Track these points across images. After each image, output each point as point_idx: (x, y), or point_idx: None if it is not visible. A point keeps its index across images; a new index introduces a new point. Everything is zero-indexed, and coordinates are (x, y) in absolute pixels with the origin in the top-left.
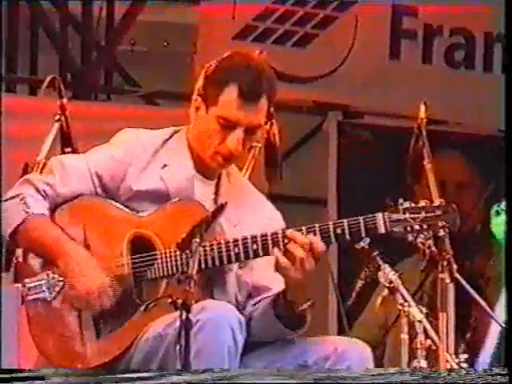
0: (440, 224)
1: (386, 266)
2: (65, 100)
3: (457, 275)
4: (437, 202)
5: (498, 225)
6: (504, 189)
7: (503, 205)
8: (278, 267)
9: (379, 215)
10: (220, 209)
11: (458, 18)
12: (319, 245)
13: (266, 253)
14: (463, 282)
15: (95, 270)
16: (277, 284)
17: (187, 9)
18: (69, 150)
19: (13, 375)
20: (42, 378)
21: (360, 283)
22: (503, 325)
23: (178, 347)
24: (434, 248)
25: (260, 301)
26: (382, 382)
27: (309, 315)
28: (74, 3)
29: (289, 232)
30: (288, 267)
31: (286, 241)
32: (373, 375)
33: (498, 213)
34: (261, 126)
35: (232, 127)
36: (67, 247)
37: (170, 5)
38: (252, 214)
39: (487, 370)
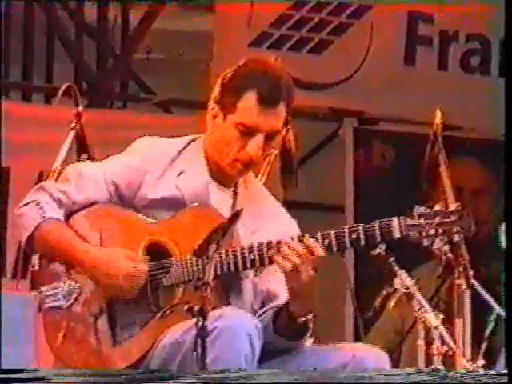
0: (455, 229)
1: (403, 272)
2: (80, 108)
3: (473, 281)
4: (452, 207)
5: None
6: (504, 192)
7: None
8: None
9: (394, 220)
10: (236, 215)
11: (474, 23)
12: (318, 250)
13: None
14: (480, 288)
15: (121, 258)
16: (285, 294)
17: (203, 17)
18: (85, 157)
19: (13, 375)
20: (42, 379)
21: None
22: None
23: (194, 354)
24: (450, 254)
25: (265, 312)
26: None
27: (311, 324)
28: (89, 11)
29: (285, 240)
30: (287, 275)
31: (283, 248)
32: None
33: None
34: (280, 132)
35: (252, 133)
36: (82, 249)
37: (186, 13)
38: (269, 221)
39: (487, 370)
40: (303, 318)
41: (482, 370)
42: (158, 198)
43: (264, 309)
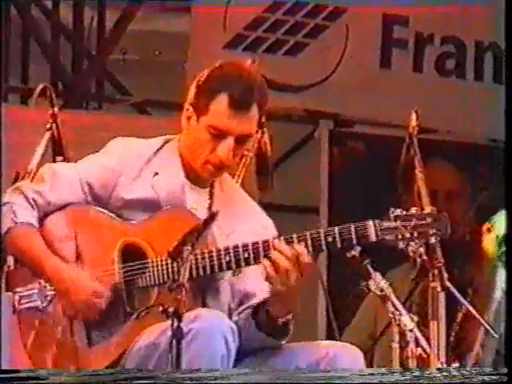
0: (431, 231)
1: (377, 274)
2: (56, 109)
3: (448, 284)
4: (428, 209)
5: (491, 242)
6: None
7: (493, 222)
8: (267, 277)
9: (370, 223)
10: (212, 217)
11: (449, 26)
12: (306, 257)
13: (258, 261)
14: (454, 291)
15: (83, 280)
16: (262, 292)
17: (178, 18)
18: (60, 158)
19: (13, 375)
20: (42, 379)
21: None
22: (495, 334)
23: (170, 356)
24: (425, 256)
25: (244, 310)
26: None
27: (291, 325)
28: (64, 13)
29: (276, 242)
30: (274, 278)
31: (272, 251)
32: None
33: (489, 230)
34: (251, 135)
35: (222, 136)
36: (49, 263)
37: (161, 14)
38: (245, 222)
39: (486, 369)
40: (283, 319)
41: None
42: (134, 198)
43: (241, 308)
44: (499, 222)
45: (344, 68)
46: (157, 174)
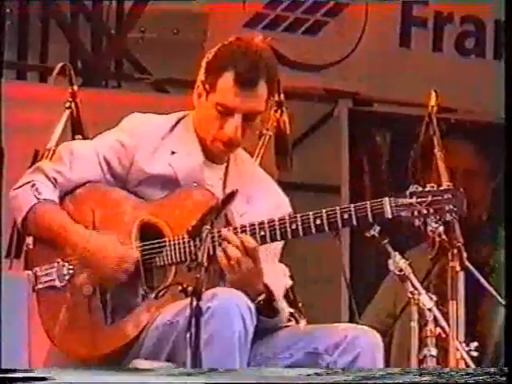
0: (447, 208)
1: (397, 253)
2: (75, 87)
3: (467, 263)
4: (444, 185)
5: None
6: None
7: None
8: (223, 268)
9: (386, 199)
10: (231, 196)
11: (469, 5)
12: (250, 243)
13: (274, 239)
14: (474, 271)
15: (107, 241)
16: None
17: None
18: (79, 137)
19: (13, 375)
20: (42, 379)
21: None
22: None
23: (188, 335)
24: (444, 236)
25: None
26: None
27: (276, 304)
28: None
29: (224, 233)
30: (227, 267)
31: (221, 241)
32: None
33: None
34: (260, 113)
35: (230, 114)
36: (75, 232)
37: None
38: (257, 202)
39: (486, 369)
40: (257, 300)
41: (475, 353)
42: (151, 175)
43: None
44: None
45: (363, 47)
46: (174, 152)
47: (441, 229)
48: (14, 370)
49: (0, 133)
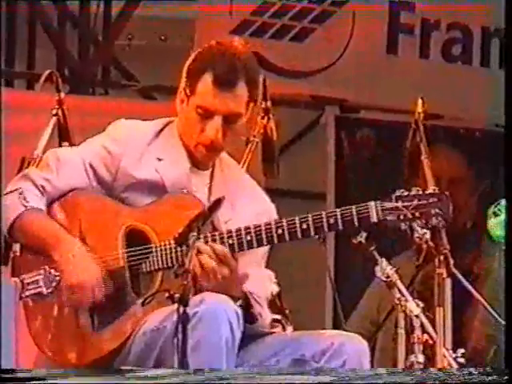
0: (433, 212)
1: (383, 260)
2: (62, 94)
3: (454, 270)
4: (430, 189)
5: (496, 226)
6: (504, 188)
7: (501, 205)
8: (197, 277)
9: (371, 203)
10: (217, 203)
11: (456, 12)
12: (220, 251)
13: (261, 244)
14: (461, 277)
15: (89, 263)
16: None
17: (184, 3)
18: (66, 144)
19: (13, 375)
20: (42, 379)
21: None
22: (501, 320)
23: (175, 340)
24: (431, 243)
25: None
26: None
27: (254, 311)
28: None
29: (198, 244)
30: (201, 277)
31: (195, 252)
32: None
33: (495, 214)
34: (240, 115)
35: (210, 116)
36: (63, 239)
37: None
38: (242, 208)
39: (486, 369)
40: (237, 303)
41: (462, 360)
42: (138, 180)
43: None
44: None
45: (350, 54)
46: (161, 159)
47: (427, 235)
48: (14, 371)
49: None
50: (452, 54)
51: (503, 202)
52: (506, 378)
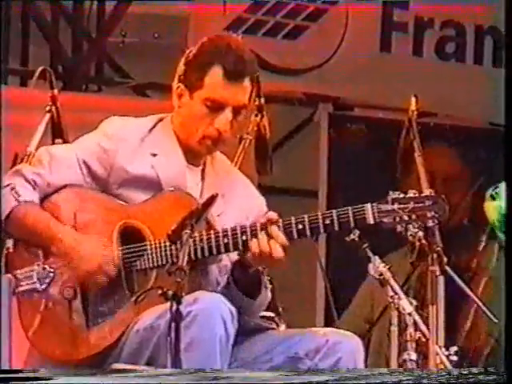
0: (429, 214)
1: (376, 258)
2: (56, 91)
3: (447, 268)
4: (426, 192)
5: (492, 209)
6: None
7: (498, 189)
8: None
9: (368, 206)
10: (211, 200)
11: (449, 10)
12: (282, 239)
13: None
14: (453, 275)
15: (91, 246)
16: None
17: (178, 1)
18: (59, 141)
19: (13, 375)
20: (42, 379)
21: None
22: (494, 319)
23: (168, 339)
24: (424, 240)
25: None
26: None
27: (264, 281)
28: None
29: (270, 228)
30: (255, 258)
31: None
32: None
33: (492, 197)
34: (246, 106)
35: (220, 108)
36: (60, 230)
37: None
38: (234, 202)
39: (486, 369)
40: (252, 269)
41: (455, 357)
42: (133, 176)
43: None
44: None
45: (344, 51)
46: (155, 155)
47: (420, 233)
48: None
49: None
50: (446, 51)
51: (502, 185)
52: (505, 378)
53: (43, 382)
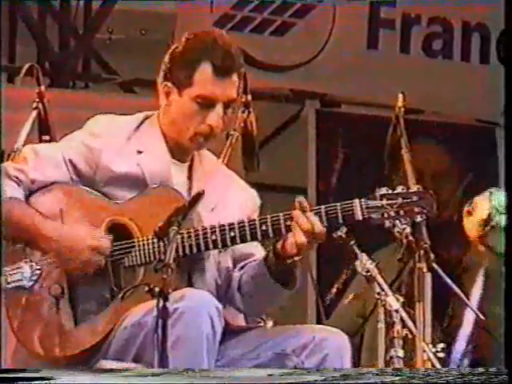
0: (416, 210)
1: (364, 254)
2: (43, 88)
3: (434, 265)
4: (413, 188)
5: (471, 224)
6: (504, 189)
7: (475, 203)
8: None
9: (356, 202)
10: (197, 196)
11: (436, 7)
12: (319, 227)
13: (244, 240)
14: (440, 272)
15: (84, 236)
16: (259, 251)
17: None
18: (47, 137)
19: (13, 375)
20: (42, 379)
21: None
22: (480, 315)
23: (155, 336)
24: (411, 237)
25: (246, 264)
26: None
27: (298, 271)
28: None
29: (295, 213)
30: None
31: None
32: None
33: (469, 213)
34: (235, 100)
35: (211, 105)
36: (45, 226)
37: None
38: (226, 194)
39: (486, 369)
40: (290, 259)
41: (442, 354)
42: (119, 174)
43: (243, 263)
44: (481, 203)
45: (331, 48)
46: (141, 152)
47: (408, 230)
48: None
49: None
50: (433, 48)
51: (477, 198)
52: (505, 378)
53: (43, 382)
